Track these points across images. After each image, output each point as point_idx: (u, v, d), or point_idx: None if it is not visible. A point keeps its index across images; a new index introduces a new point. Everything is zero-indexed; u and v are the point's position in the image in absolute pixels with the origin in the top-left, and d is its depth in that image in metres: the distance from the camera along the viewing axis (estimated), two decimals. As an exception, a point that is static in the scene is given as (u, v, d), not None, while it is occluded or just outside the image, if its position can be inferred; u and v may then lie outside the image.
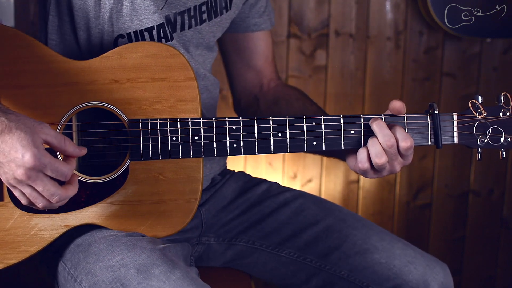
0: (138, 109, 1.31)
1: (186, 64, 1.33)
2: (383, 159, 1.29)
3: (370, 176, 1.34)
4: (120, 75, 1.31)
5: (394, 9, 2.52)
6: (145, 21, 1.38)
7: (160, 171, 1.33)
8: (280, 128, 1.33)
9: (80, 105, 1.30)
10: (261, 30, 1.64)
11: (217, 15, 1.49)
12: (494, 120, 1.36)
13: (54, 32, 1.41)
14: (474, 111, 1.36)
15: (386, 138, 1.29)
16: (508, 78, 2.59)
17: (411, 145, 1.30)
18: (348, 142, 1.34)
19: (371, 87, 2.55)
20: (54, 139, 1.15)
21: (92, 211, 1.32)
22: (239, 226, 1.58)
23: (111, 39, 1.38)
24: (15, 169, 1.12)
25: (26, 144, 1.11)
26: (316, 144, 1.34)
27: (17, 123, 1.12)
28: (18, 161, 1.11)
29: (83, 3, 1.36)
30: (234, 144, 1.32)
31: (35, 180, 1.13)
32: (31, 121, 1.14)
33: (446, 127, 1.36)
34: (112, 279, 1.24)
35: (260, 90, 1.67)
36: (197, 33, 1.46)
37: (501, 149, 1.37)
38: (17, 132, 1.11)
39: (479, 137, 1.36)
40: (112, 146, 1.35)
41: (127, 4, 1.37)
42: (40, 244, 1.31)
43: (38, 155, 1.11)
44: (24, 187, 1.15)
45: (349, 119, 1.34)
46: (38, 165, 1.12)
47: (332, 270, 1.51)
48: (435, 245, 2.71)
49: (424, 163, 2.64)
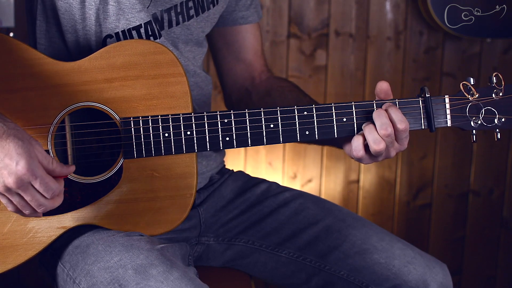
0: (129, 107, 1.31)
1: (175, 60, 1.33)
2: (382, 145, 1.29)
3: (366, 162, 1.35)
4: (109, 74, 1.31)
5: (394, 9, 2.52)
6: (132, 20, 1.38)
7: (154, 168, 1.33)
8: (272, 119, 1.33)
9: (72, 106, 1.30)
10: (249, 23, 1.64)
11: (204, 10, 1.49)
12: (487, 101, 1.35)
13: (43, 37, 1.41)
14: (466, 93, 1.34)
15: (383, 127, 1.29)
16: (508, 78, 2.57)
17: (406, 127, 1.29)
18: (341, 130, 1.34)
19: (371, 87, 2.55)
20: (44, 159, 1.16)
21: (88, 211, 1.32)
22: (239, 226, 1.58)
23: (100, 39, 1.38)
24: (7, 176, 1.12)
25: (21, 152, 1.12)
26: (309, 133, 1.34)
27: (15, 131, 1.14)
28: (11, 168, 1.12)
29: (68, 6, 1.36)
30: (227, 138, 1.32)
31: (25, 189, 1.14)
32: (28, 136, 1.16)
33: (438, 110, 1.35)
34: (110, 280, 1.24)
35: (252, 83, 1.67)
36: (186, 29, 1.47)
37: (496, 129, 1.36)
38: (14, 140, 1.12)
39: (473, 119, 1.35)
40: (105, 146, 1.35)
41: (113, 4, 1.36)
42: (38, 247, 1.31)
43: (32, 165, 1.12)
44: (13, 195, 1.16)
45: (340, 107, 1.33)
46: (30, 175, 1.13)
47: (331, 270, 1.51)
48: (435, 245, 2.71)
49: (424, 163, 2.64)
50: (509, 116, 1.35)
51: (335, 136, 1.34)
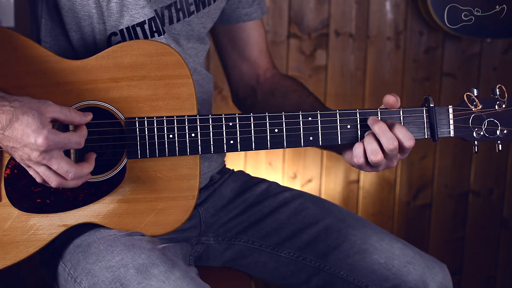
0: (134, 108, 1.32)
1: (182, 61, 1.33)
2: (379, 156, 1.30)
3: (366, 170, 1.35)
4: (115, 74, 1.31)
5: (394, 9, 2.52)
6: (136, 16, 1.38)
7: (158, 169, 1.34)
8: (276, 124, 1.33)
9: (77, 105, 1.30)
10: (253, 20, 1.64)
11: (205, 5, 1.49)
12: (490, 113, 1.36)
13: (48, 35, 1.41)
14: (469, 104, 1.36)
15: (389, 142, 1.29)
16: (508, 78, 2.59)
17: (413, 144, 1.31)
18: (344, 137, 1.35)
19: (371, 87, 2.55)
20: (60, 114, 1.19)
21: (90, 210, 1.32)
22: (239, 226, 1.58)
23: (104, 37, 1.39)
24: (30, 152, 1.16)
25: (35, 128, 1.14)
26: (313, 139, 1.34)
27: (22, 108, 1.15)
28: (32, 145, 1.15)
29: (71, 4, 1.36)
30: (231, 141, 1.33)
31: (49, 159, 1.17)
32: (35, 103, 1.17)
33: (442, 120, 1.36)
34: (112, 279, 1.24)
35: (257, 81, 1.67)
36: (186, 25, 1.47)
37: (497, 141, 1.37)
38: (25, 118, 1.14)
39: (475, 130, 1.36)
40: (109, 145, 1.36)
41: (115, 1, 1.37)
42: (39, 244, 1.31)
43: (49, 136, 1.15)
44: (39, 166, 1.19)
45: (345, 114, 1.34)
46: (52, 145, 1.15)
47: (331, 270, 1.52)
48: (435, 245, 2.71)
49: (424, 163, 2.64)
50: (511, 128, 1.36)
51: (339, 143, 1.35)
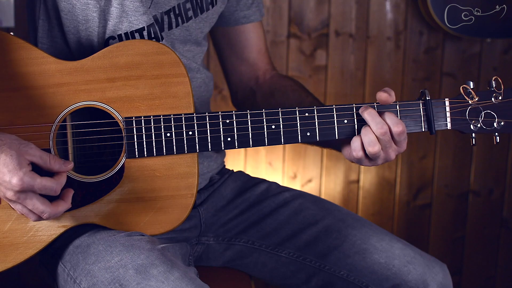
0: (131, 107, 1.32)
1: (178, 60, 1.33)
2: (376, 147, 1.31)
3: (365, 164, 1.36)
4: (112, 73, 1.31)
5: (394, 9, 2.52)
6: (135, 23, 1.38)
7: (156, 168, 1.34)
8: (273, 120, 1.33)
9: (74, 105, 1.30)
10: (251, 22, 1.64)
11: (203, 11, 1.49)
12: (486, 105, 1.36)
13: (45, 36, 1.41)
14: (466, 96, 1.36)
15: (378, 126, 1.30)
16: (508, 78, 2.59)
17: (403, 130, 1.31)
18: (341, 131, 1.35)
19: (371, 87, 2.55)
20: (40, 159, 1.20)
21: (89, 210, 1.32)
22: (239, 226, 1.58)
23: (102, 40, 1.39)
24: (5, 191, 1.18)
25: (12, 168, 1.15)
26: (310, 134, 1.34)
27: (2, 147, 1.17)
28: (6, 184, 1.16)
29: (71, 7, 1.36)
30: (228, 138, 1.33)
31: (24, 199, 1.19)
32: (16, 143, 1.18)
33: (438, 113, 1.36)
34: (111, 280, 1.24)
35: (256, 83, 1.67)
36: (184, 31, 1.47)
37: (495, 133, 1.37)
38: (2, 157, 1.16)
39: (472, 122, 1.36)
40: (107, 145, 1.36)
41: (116, 6, 1.37)
42: (39, 246, 1.31)
43: (24, 178, 1.16)
44: (16, 204, 1.21)
45: (341, 109, 1.34)
46: (26, 187, 1.17)
47: (331, 270, 1.52)
48: (435, 245, 2.71)
49: (424, 163, 2.64)
50: (508, 120, 1.36)
51: (336, 138, 1.35)
